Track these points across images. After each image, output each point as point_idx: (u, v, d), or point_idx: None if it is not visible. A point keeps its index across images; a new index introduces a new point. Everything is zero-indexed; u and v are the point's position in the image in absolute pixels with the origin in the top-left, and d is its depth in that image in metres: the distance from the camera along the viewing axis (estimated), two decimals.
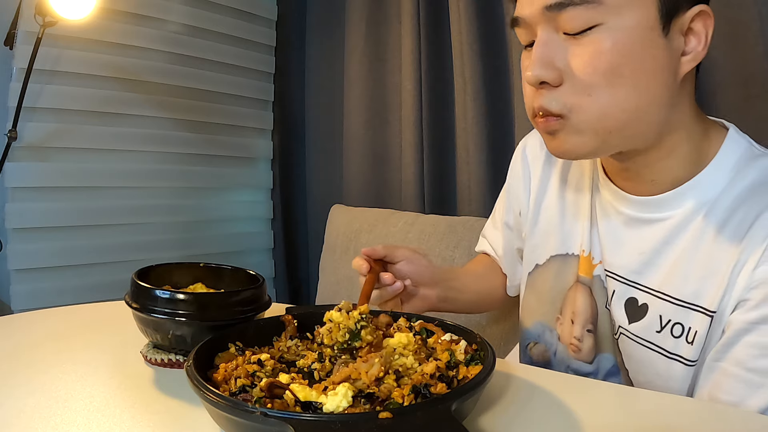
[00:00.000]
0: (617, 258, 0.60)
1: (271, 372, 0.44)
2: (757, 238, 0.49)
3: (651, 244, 0.57)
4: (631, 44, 0.49)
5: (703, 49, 0.52)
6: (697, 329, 0.52)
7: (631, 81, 0.50)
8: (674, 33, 0.50)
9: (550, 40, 0.51)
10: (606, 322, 0.62)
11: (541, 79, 0.51)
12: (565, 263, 0.67)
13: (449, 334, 0.50)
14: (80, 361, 0.55)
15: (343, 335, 0.47)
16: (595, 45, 0.49)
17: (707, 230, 0.53)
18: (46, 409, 0.44)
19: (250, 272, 0.63)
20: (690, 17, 0.50)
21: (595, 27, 0.49)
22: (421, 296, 0.72)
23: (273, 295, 1.70)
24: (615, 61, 0.49)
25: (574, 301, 0.65)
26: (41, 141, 1.30)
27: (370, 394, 0.39)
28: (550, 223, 0.70)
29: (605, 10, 0.49)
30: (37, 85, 1.25)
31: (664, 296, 0.55)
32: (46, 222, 1.32)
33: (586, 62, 0.50)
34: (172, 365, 0.53)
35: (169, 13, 1.49)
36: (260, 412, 0.34)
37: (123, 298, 0.54)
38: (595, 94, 0.50)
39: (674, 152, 0.55)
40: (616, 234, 0.61)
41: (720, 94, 0.84)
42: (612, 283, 0.61)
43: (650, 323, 0.56)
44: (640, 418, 0.44)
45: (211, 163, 1.64)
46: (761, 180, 0.52)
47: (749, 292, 0.49)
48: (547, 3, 0.50)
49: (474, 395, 0.38)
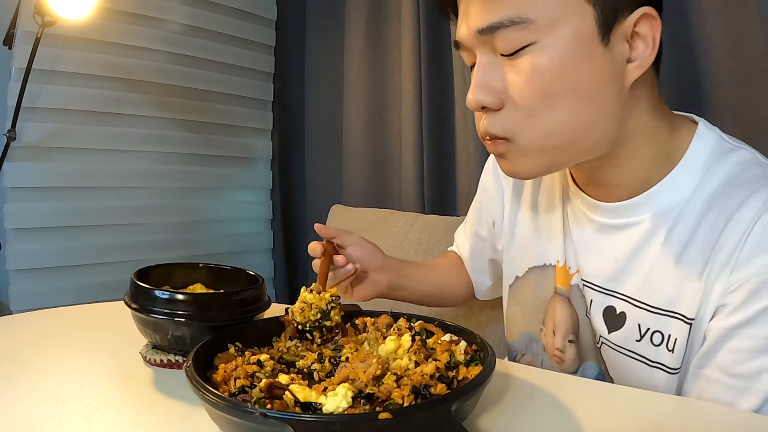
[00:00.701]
0: (592, 266, 0.59)
1: (270, 372, 0.43)
2: (730, 241, 0.48)
3: (624, 250, 0.56)
4: (568, 61, 0.47)
5: (652, 53, 0.49)
6: (677, 337, 0.51)
7: (571, 98, 0.48)
8: (616, 41, 0.48)
9: (489, 62, 0.50)
10: (587, 331, 0.61)
11: (481, 104, 0.50)
12: (544, 274, 0.66)
13: (449, 334, 0.50)
14: (79, 362, 0.55)
15: (315, 314, 0.52)
16: (530, 65, 0.48)
17: (680, 234, 0.52)
18: (45, 410, 0.44)
19: (250, 272, 0.63)
20: (633, 21, 0.48)
21: (528, 47, 0.48)
22: (371, 281, 0.74)
23: (273, 296, 1.70)
24: (552, 80, 0.48)
25: (554, 312, 0.65)
26: (40, 141, 1.30)
27: (370, 394, 0.39)
28: (526, 236, 0.69)
29: (537, 29, 0.47)
30: (36, 85, 1.25)
31: (641, 304, 0.54)
32: (45, 222, 1.32)
33: (523, 84, 0.48)
34: (172, 366, 0.53)
35: (168, 13, 1.49)
36: (260, 412, 0.33)
37: (122, 299, 0.53)
38: (535, 116, 0.49)
39: (637, 155, 0.54)
40: (590, 242, 0.60)
41: (720, 95, 0.84)
42: (589, 293, 0.60)
43: (629, 332, 0.55)
44: (640, 418, 0.44)
45: (210, 164, 1.64)
46: (731, 177, 0.51)
47: (726, 296, 0.48)
48: (479, 27, 0.49)
49: (474, 396, 0.38)
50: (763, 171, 0.51)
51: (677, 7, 0.86)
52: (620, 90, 0.50)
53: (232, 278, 0.63)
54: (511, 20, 0.47)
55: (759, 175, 0.50)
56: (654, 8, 0.48)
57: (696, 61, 0.85)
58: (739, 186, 0.50)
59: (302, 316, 0.52)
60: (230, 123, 1.67)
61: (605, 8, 0.47)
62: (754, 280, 0.46)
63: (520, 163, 0.53)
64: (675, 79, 0.87)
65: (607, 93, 0.49)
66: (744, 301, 0.47)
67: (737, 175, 0.51)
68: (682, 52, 0.86)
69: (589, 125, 0.50)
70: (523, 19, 0.47)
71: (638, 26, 0.49)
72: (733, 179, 0.51)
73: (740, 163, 0.52)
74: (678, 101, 0.87)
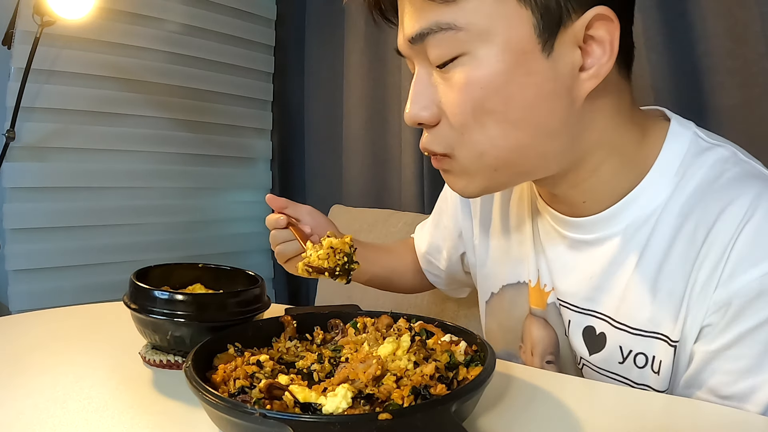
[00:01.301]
0: (568, 285, 0.55)
1: (270, 373, 0.43)
2: (711, 256, 0.45)
3: (599, 267, 0.52)
4: (501, 75, 0.43)
5: (609, 59, 0.43)
6: (661, 359, 0.48)
7: (505, 116, 0.44)
8: (563, 49, 0.43)
9: (425, 75, 0.47)
10: (567, 351, 0.58)
11: (416, 120, 0.47)
12: (518, 292, 0.63)
13: (449, 335, 0.50)
14: (78, 363, 0.55)
15: (342, 257, 0.55)
16: (461, 79, 0.44)
17: (656, 248, 0.48)
18: (44, 411, 0.44)
19: (250, 273, 0.62)
20: (584, 24, 0.42)
21: (459, 58, 0.43)
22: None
23: (272, 296, 1.70)
24: (483, 97, 0.43)
25: (531, 332, 0.61)
26: (39, 141, 1.29)
27: (370, 395, 0.39)
28: (499, 251, 0.65)
29: (468, 38, 0.42)
30: (35, 85, 1.25)
31: (621, 325, 0.51)
32: (44, 222, 1.32)
33: (453, 100, 0.45)
34: (171, 366, 0.53)
35: (167, 13, 1.48)
36: (259, 413, 0.33)
37: (121, 299, 0.53)
38: (467, 134, 0.45)
39: (599, 171, 0.49)
40: (564, 259, 0.56)
41: (721, 95, 0.84)
42: (567, 312, 0.56)
43: (611, 354, 0.52)
44: (641, 419, 0.44)
45: (210, 164, 1.63)
46: (709, 180, 0.47)
47: (710, 316, 0.45)
48: (409, 35, 0.45)
49: (474, 396, 0.38)
50: (742, 171, 0.47)
51: (677, 7, 0.86)
52: (568, 105, 0.45)
53: (231, 278, 0.63)
54: (439, 26, 0.43)
55: (738, 176, 0.46)
56: (611, 8, 0.42)
57: (696, 61, 0.84)
58: (717, 191, 0.46)
59: (331, 261, 0.54)
60: (230, 123, 1.67)
61: (546, 12, 0.42)
62: (739, 300, 0.43)
63: (459, 181, 0.50)
64: (675, 79, 0.87)
65: (548, 109, 0.44)
66: (730, 321, 0.44)
67: (715, 178, 0.47)
68: (682, 51, 0.86)
69: (525, 147, 0.46)
70: (451, 25, 0.42)
71: (592, 29, 0.43)
72: (712, 182, 0.47)
73: (718, 162, 0.47)
74: (678, 101, 0.87)
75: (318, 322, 0.54)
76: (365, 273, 0.77)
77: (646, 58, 0.88)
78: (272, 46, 1.78)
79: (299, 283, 1.87)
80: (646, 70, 0.88)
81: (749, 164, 0.48)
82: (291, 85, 1.80)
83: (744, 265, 0.43)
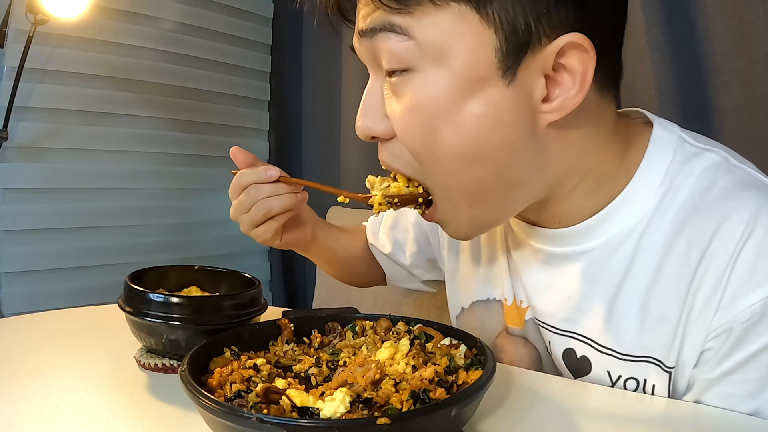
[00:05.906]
0: (544, 304, 0.51)
1: (267, 377, 0.43)
2: (709, 278, 0.41)
3: (577, 285, 0.48)
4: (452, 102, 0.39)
5: (577, 94, 0.39)
6: (654, 383, 0.45)
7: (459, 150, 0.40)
8: (527, 76, 0.38)
9: (378, 85, 0.43)
10: (552, 369, 0.54)
11: (369, 135, 0.44)
12: (489, 309, 0.59)
13: (448, 338, 0.50)
14: (72, 366, 0.55)
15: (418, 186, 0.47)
16: (410, 99, 0.40)
17: (644, 265, 0.44)
18: (38, 415, 0.43)
19: (246, 275, 0.62)
20: (554, 52, 0.38)
21: (409, 72, 0.40)
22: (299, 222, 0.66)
23: (269, 299, 1.69)
24: (431, 125, 0.39)
25: (510, 351, 0.57)
26: (33, 141, 1.28)
27: (368, 399, 0.38)
28: (468, 265, 0.61)
29: (420, 54, 0.39)
30: (29, 85, 1.24)
31: (607, 350, 0.47)
32: (38, 224, 1.31)
33: (397, 122, 0.41)
34: (167, 370, 0.52)
35: (162, 11, 1.48)
36: (256, 417, 0.33)
37: (116, 302, 0.53)
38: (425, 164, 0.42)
39: (573, 194, 0.46)
40: (538, 276, 0.51)
41: (724, 94, 0.84)
42: (546, 333, 0.52)
43: (599, 380, 0.48)
44: (642, 423, 0.43)
45: (206, 164, 1.63)
46: (700, 191, 0.43)
47: (711, 341, 0.43)
48: (360, 28, 0.42)
49: (474, 401, 0.38)
50: (736, 179, 0.43)
51: (680, 6, 0.85)
52: (531, 137, 0.41)
53: (228, 281, 0.62)
54: (392, 26, 0.39)
55: (732, 185, 0.43)
56: (589, 36, 0.38)
57: (700, 60, 0.84)
58: (710, 205, 0.42)
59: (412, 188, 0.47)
60: (226, 123, 1.66)
61: (512, 34, 0.37)
62: (741, 325, 0.41)
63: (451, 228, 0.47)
64: (678, 79, 0.87)
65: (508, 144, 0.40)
66: (732, 347, 0.42)
67: (707, 189, 0.43)
68: (686, 51, 0.86)
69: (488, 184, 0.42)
70: (404, 30, 0.39)
71: (564, 57, 0.39)
72: (704, 194, 0.43)
73: (709, 169, 0.44)
74: (681, 101, 0.87)
75: (316, 326, 0.54)
76: (329, 250, 0.72)
77: (649, 57, 0.87)
78: (269, 45, 1.77)
79: (296, 286, 1.86)
80: (649, 69, 0.88)
81: (742, 170, 0.44)
82: (288, 84, 1.80)
83: (745, 288, 0.41)
